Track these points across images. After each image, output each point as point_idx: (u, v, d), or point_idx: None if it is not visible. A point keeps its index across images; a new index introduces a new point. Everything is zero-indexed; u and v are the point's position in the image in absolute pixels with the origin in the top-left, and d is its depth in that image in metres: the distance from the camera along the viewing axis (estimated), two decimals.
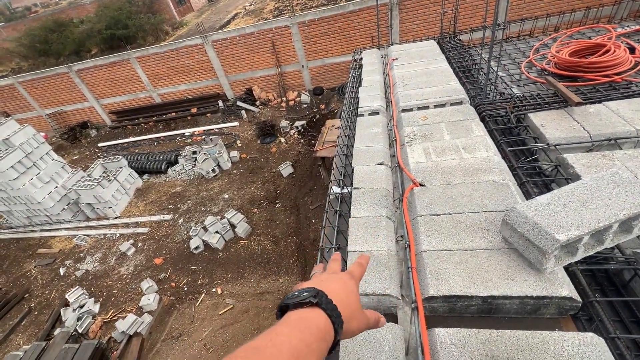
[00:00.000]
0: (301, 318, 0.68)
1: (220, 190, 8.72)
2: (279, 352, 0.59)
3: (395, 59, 4.13)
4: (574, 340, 1.24)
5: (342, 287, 0.80)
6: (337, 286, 0.80)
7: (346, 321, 0.73)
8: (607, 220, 1.37)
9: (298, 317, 0.68)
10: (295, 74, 11.47)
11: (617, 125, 2.20)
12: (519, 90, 3.25)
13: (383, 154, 2.55)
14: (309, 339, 0.64)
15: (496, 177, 2.03)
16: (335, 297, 0.75)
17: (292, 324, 0.66)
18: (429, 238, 1.77)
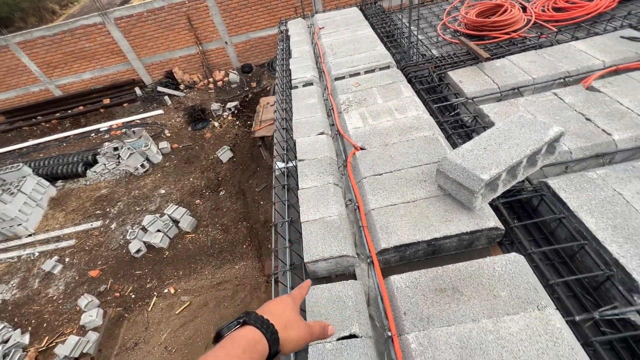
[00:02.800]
0: (229, 337, 0.75)
1: (155, 186, 8.02)
2: None
3: (322, 28, 4.09)
4: (501, 261, 1.45)
5: (277, 303, 0.90)
6: (272, 304, 0.89)
7: (281, 330, 0.81)
8: (518, 157, 1.59)
9: (226, 338, 0.75)
10: (219, 52, 10.70)
11: (519, 76, 2.51)
12: (438, 51, 3.49)
13: (322, 124, 2.57)
14: (236, 351, 0.71)
15: (427, 133, 2.19)
16: (269, 312, 0.84)
17: (220, 345, 0.73)
18: (375, 197, 1.87)
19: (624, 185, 1.62)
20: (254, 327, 0.77)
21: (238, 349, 0.71)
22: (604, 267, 1.40)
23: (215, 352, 0.70)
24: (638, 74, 2.22)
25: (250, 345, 0.73)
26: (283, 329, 0.82)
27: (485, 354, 1.21)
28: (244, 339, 0.74)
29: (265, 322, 0.80)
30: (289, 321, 0.86)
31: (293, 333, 0.85)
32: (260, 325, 0.78)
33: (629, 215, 1.50)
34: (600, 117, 2.00)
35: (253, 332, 0.76)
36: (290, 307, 0.91)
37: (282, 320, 0.84)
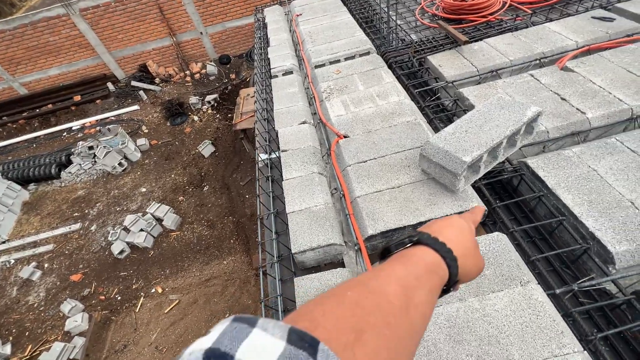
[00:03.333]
0: (403, 254, 0.61)
1: (135, 185, 7.77)
2: (385, 282, 0.51)
3: (300, 15, 3.99)
4: (485, 240, 1.48)
5: (450, 224, 0.72)
6: (444, 224, 0.72)
7: (461, 257, 0.66)
8: (499, 138, 1.61)
9: (399, 254, 0.61)
10: (194, 43, 10.33)
11: (496, 59, 2.54)
12: (417, 36, 3.47)
13: (304, 113, 2.53)
14: (417, 271, 0.57)
15: (409, 118, 2.19)
16: (444, 235, 0.68)
17: (394, 259, 0.60)
18: (360, 184, 1.87)
19: (598, 161, 1.68)
20: (432, 249, 0.63)
21: (418, 268, 0.57)
22: (581, 241, 1.46)
23: (391, 265, 0.57)
24: (608, 53, 2.29)
25: (430, 268, 0.59)
26: (462, 256, 0.67)
27: (473, 331, 1.24)
28: (422, 259, 0.60)
29: (443, 245, 0.64)
30: (467, 248, 0.70)
31: (470, 262, 0.70)
32: (439, 248, 0.63)
33: (603, 190, 1.56)
34: (575, 96, 2.05)
35: (431, 254, 0.62)
36: (468, 234, 0.73)
37: (461, 247, 0.68)
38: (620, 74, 2.10)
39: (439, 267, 0.61)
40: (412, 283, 0.53)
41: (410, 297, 0.50)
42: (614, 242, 1.37)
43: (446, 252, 0.63)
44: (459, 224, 0.73)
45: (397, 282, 0.51)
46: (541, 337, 1.19)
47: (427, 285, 0.55)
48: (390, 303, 0.47)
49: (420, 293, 0.52)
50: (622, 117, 1.90)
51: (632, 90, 1.98)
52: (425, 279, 0.56)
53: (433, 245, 0.63)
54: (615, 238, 1.38)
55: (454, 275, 0.63)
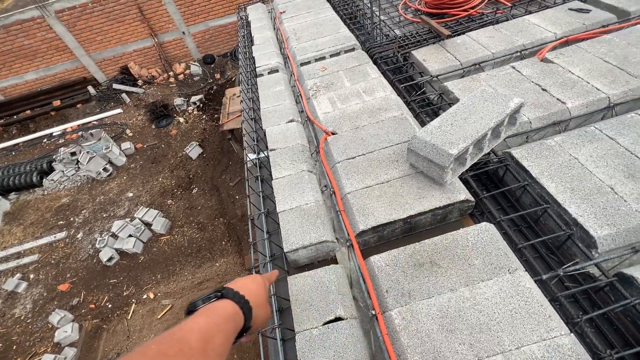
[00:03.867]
0: (208, 307, 0.75)
1: (121, 190, 7.62)
2: (188, 332, 0.63)
3: (283, 12, 3.96)
4: (473, 231, 1.51)
5: (251, 281, 0.92)
6: (247, 282, 0.91)
7: (255, 307, 0.84)
8: (483, 129, 1.64)
9: (206, 307, 0.75)
10: (177, 43, 10.15)
11: (479, 52, 2.58)
12: (401, 31, 3.49)
13: (291, 111, 2.52)
14: (217, 320, 0.71)
15: (395, 113, 2.21)
16: (244, 289, 0.86)
17: (199, 312, 0.73)
18: (350, 180, 1.87)
19: (578, 149, 1.73)
20: (232, 301, 0.79)
21: (219, 318, 0.72)
22: (565, 227, 1.50)
23: (195, 318, 0.70)
24: (586, 44, 2.35)
25: (229, 316, 0.75)
26: (256, 306, 0.85)
27: (464, 320, 1.27)
28: (224, 309, 0.76)
29: (242, 298, 0.82)
30: (261, 301, 0.90)
31: (263, 312, 0.90)
32: (238, 300, 0.80)
33: (583, 177, 1.61)
34: (555, 87, 2.11)
35: (231, 305, 0.78)
36: (262, 287, 0.94)
37: (256, 299, 0.87)
38: (597, 64, 2.17)
39: (237, 315, 0.78)
40: (212, 330, 0.67)
41: (209, 342, 0.63)
42: (596, 227, 1.42)
43: (244, 303, 0.81)
44: (257, 280, 0.95)
45: (198, 330, 0.64)
46: (530, 322, 1.22)
47: (225, 331, 0.70)
48: (191, 348, 0.60)
49: (218, 338, 0.66)
50: (600, 106, 1.96)
51: (608, 80, 2.04)
52: (224, 327, 0.71)
53: (234, 298, 0.80)
54: (597, 223, 1.43)
55: (248, 321, 0.81)
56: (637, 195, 1.48)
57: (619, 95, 1.96)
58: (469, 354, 1.19)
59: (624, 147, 1.68)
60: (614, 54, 2.20)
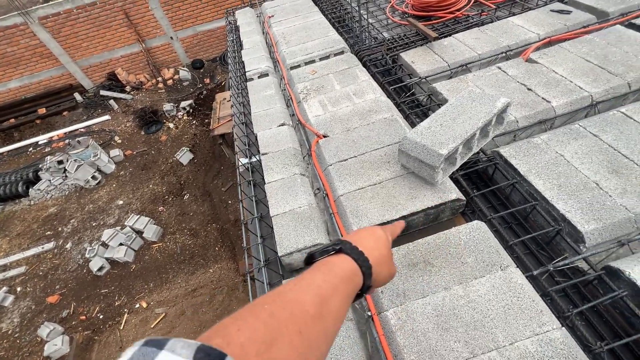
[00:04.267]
0: (324, 263, 0.67)
1: (111, 198, 7.49)
2: (303, 292, 0.56)
3: (272, 16, 3.97)
4: (465, 230, 1.53)
5: (371, 235, 0.82)
6: (365, 234, 0.81)
7: (375, 265, 0.74)
8: (472, 129, 1.67)
9: (321, 262, 0.67)
10: (165, 48, 10.06)
11: (465, 53, 2.63)
12: (389, 33, 3.54)
13: (282, 115, 2.52)
14: (334, 280, 0.63)
15: (386, 115, 2.23)
16: (363, 244, 0.76)
17: (315, 268, 0.65)
18: (342, 182, 1.88)
19: (564, 147, 1.77)
20: (351, 257, 0.71)
21: (336, 277, 0.64)
22: (554, 223, 1.53)
23: (312, 274, 0.63)
24: (568, 44, 2.42)
25: (347, 276, 0.67)
26: (376, 264, 0.75)
27: (459, 317, 1.29)
28: (341, 268, 0.67)
29: (361, 254, 0.73)
30: (383, 256, 0.80)
31: (385, 270, 0.80)
32: (357, 257, 0.71)
33: (570, 173, 1.65)
34: (540, 86, 2.16)
35: (350, 262, 0.70)
36: (384, 242, 0.83)
37: (377, 255, 0.77)
38: (579, 64, 2.23)
39: (356, 274, 0.69)
40: (329, 292, 0.59)
41: (326, 305, 0.56)
42: (583, 222, 1.46)
43: (363, 260, 0.71)
44: (378, 234, 0.83)
45: (314, 291, 0.57)
46: (523, 318, 1.24)
47: (343, 293, 0.62)
48: (305, 312, 0.52)
49: (335, 300, 0.59)
50: (584, 104, 2.01)
51: (590, 78, 2.10)
52: (342, 287, 0.63)
53: (352, 254, 0.71)
54: (584, 218, 1.47)
55: (368, 281, 0.72)
56: (621, 190, 1.53)
57: (601, 94, 2.02)
58: (464, 351, 1.21)
59: (607, 143, 1.73)
60: (595, 54, 2.27)
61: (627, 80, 2.04)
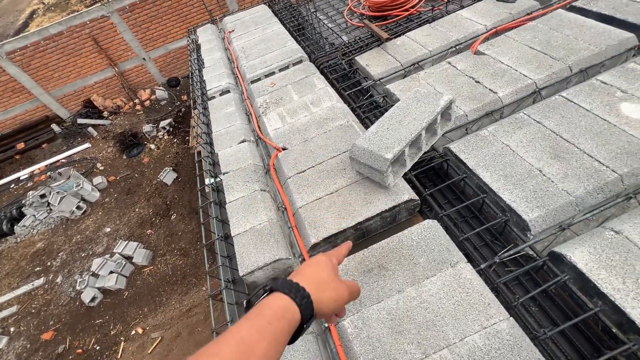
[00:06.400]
0: (256, 307, 0.68)
1: (98, 226, 7.41)
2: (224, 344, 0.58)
3: (232, 31, 3.99)
4: (417, 229, 1.56)
5: (309, 263, 0.82)
6: (304, 265, 0.82)
7: (315, 292, 0.73)
8: (416, 130, 1.70)
9: (254, 308, 0.68)
10: (139, 70, 10.01)
11: (417, 51, 2.67)
12: (348, 37, 3.57)
13: (243, 131, 2.53)
14: (260, 323, 0.63)
15: (342, 122, 2.26)
16: (299, 275, 0.77)
17: (244, 317, 0.66)
18: (301, 195, 1.90)
19: (509, 137, 1.81)
20: (282, 292, 0.70)
21: (263, 320, 0.64)
22: (501, 213, 1.57)
23: (239, 323, 0.64)
24: (513, 33, 2.47)
25: (277, 315, 0.66)
26: (316, 290, 0.74)
27: (412, 319, 1.31)
28: (269, 308, 0.67)
29: (294, 286, 0.72)
30: (323, 281, 0.79)
31: (328, 294, 0.77)
32: (289, 290, 0.71)
33: (515, 163, 1.69)
34: (487, 78, 2.20)
35: (280, 299, 0.69)
36: (323, 266, 0.83)
37: (315, 281, 0.77)
38: (524, 51, 2.28)
39: (288, 310, 0.68)
40: (254, 338, 0.61)
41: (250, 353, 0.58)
42: (527, 210, 1.49)
43: (297, 291, 0.71)
44: (317, 260, 0.84)
45: (236, 341, 0.59)
46: (471, 313, 1.27)
47: (272, 334, 0.63)
48: None
49: (261, 345, 0.60)
50: (528, 92, 2.06)
51: (534, 65, 2.16)
52: (270, 329, 0.63)
53: (284, 289, 0.71)
54: (529, 206, 1.51)
55: (307, 311, 0.71)
56: (563, 175, 1.57)
57: (544, 80, 2.07)
58: (417, 352, 1.23)
59: (549, 129, 1.78)
60: (538, 40, 2.32)
61: (568, 63, 2.09)
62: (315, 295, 0.74)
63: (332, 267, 0.84)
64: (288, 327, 0.67)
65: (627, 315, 1.15)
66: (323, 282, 0.79)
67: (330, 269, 0.84)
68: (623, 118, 1.69)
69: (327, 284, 0.79)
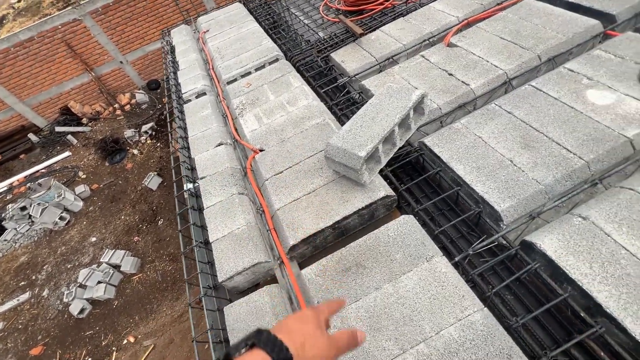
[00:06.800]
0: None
1: (83, 236, 7.25)
2: None
3: (207, 31, 3.91)
4: (393, 225, 1.57)
5: (295, 318, 0.80)
6: (290, 320, 0.79)
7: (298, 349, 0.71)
8: (389, 126, 1.70)
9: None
10: (116, 74, 9.75)
11: (392, 45, 2.67)
12: (324, 33, 3.54)
13: (219, 134, 2.50)
14: None
15: (318, 120, 2.24)
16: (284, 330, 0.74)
17: None
18: (279, 196, 1.89)
19: (482, 128, 1.83)
20: (264, 350, 0.67)
21: None
22: (475, 205, 1.59)
23: None
24: (484, 24, 2.49)
25: None
26: (300, 349, 0.72)
27: (389, 315, 1.32)
28: None
29: (277, 343, 0.70)
30: (308, 338, 0.75)
31: (313, 352, 0.74)
32: (271, 349, 0.68)
33: (487, 154, 1.71)
34: (459, 70, 2.22)
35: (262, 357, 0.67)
36: (309, 322, 0.79)
37: (299, 339, 0.74)
38: (495, 42, 2.30)
39: None
40: None
41: None
42: (499, 201, 1.52)
43: (278, 351, 0.68)
44: (303, 314, 0.81)
45: None
46: (447, 306, 1.29)
47: None
48: None
49: None
50: (500, 82, 2.09)
51: (504, 56, 2.18)
52: None
53: (264, 346, 0.68)
54: (500, 197, 1.53)
55: None
56: (533, 164, 1.60)
57: (515, 70, 2.10)
58: (395, 348, 1.24)
59: (519, 119, 1.80)
60: (508, 30, 2.35)
61: (537, 53, 2.12)
62: (299, 353, 0.72)
63: (317, 322, 0.81)
64: None
65: (594, 299, 1.18)
66: (307, 339, 0.76)
67: (315, 323, 0.81)
68: (589, 105, 1.73)
69: (310, 341, 0.76)
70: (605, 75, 1.82)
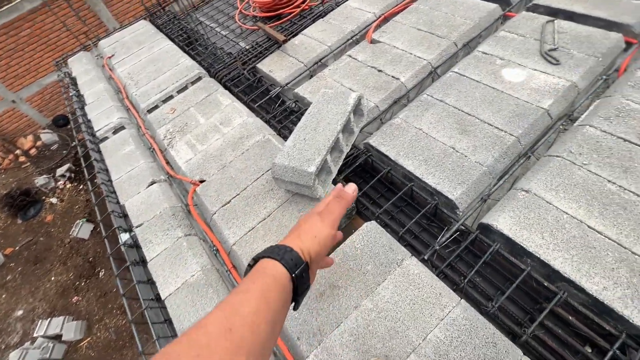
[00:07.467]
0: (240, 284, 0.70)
1: (5, 312, 6.12)
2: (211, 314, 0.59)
3: (112, 56, 3.49)
4: (358, 236, 1.52)
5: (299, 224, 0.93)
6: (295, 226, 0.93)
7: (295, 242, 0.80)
8: (333, 135, 1.64)
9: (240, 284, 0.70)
10: (10, 115, 8.37)
11: (317, 48, 2.62)
12: (245, 42, 3.38)
13: (149, 172, 2.22)
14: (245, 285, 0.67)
15: (257, 137, 2.11)
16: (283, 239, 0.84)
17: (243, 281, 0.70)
18: (232, 229, 1.72)
19: (420, 120, 1.87)
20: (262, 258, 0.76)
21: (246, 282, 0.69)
22: (430, 198, 1.61)
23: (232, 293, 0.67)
24: (400, 17, 2.57)
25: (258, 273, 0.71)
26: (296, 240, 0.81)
27: (374, 333, 1.26)
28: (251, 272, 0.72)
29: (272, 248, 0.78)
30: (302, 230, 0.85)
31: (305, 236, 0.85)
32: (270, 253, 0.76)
33: (430, 145, 1.75)
34: (387, 65, 2.25)
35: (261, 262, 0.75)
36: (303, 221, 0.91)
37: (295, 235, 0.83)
38: (413, 34, 2.39)
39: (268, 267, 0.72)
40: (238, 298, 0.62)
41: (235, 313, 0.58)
42: (452, 189, 1.55)
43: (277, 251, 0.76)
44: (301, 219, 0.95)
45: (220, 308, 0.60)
46: (427, 308, 1.27)
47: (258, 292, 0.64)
48: (208, 334, 0.53)
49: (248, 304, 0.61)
50: (426, 73, 2.16)
51: (425, 47, 2.27)
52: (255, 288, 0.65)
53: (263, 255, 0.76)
54: (452, 185, 1.57)
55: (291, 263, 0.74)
56: (473, 148, 1.67)
57: (437, 59, 2.19)
58: None
59: (451, 105, 1.88)
60: (422, 21, 2.45)
61: (453, 40, 2.24)
62: (295, 243, 0.79)
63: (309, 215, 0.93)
64: (274, 283, 0.68)
65: (551, 267, 1.26)
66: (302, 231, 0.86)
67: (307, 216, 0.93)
68: (507, 83, 1.86)
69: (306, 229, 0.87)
70: (513, 54, 1.99)
